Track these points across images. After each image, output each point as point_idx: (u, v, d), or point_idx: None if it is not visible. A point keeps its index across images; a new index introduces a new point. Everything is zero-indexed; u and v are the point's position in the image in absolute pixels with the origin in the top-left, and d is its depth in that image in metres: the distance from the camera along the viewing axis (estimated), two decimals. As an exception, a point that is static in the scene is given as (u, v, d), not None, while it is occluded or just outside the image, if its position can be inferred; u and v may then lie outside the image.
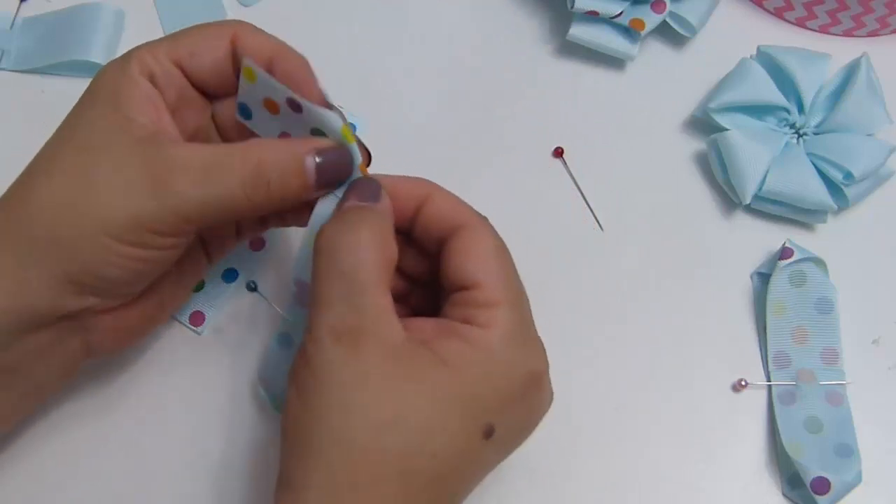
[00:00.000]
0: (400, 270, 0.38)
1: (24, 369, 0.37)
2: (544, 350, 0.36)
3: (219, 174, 0.34)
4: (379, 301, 0.33)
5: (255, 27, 0.38)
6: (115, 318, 0.38)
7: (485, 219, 0.36)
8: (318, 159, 0.35)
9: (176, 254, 0.37)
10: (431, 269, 0.38)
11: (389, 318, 0.33)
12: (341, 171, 0.36)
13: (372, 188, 0.35)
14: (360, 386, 0.32)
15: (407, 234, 0.37)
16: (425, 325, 0.35)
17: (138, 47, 0.38)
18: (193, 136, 0.39)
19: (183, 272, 0.40)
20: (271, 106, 0.37)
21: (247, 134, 0.39)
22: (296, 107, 0.36)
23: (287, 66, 0.37)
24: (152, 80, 0.37)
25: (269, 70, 0.37)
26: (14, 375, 0.37)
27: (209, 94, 0.39)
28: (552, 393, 0.36)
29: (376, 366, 0.32)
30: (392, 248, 0.34)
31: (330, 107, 0.36)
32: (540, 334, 0.36)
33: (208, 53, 0.38)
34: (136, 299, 0.38)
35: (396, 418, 0.31)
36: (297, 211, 0.39)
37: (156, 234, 0.35)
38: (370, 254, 0.33)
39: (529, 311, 0.36)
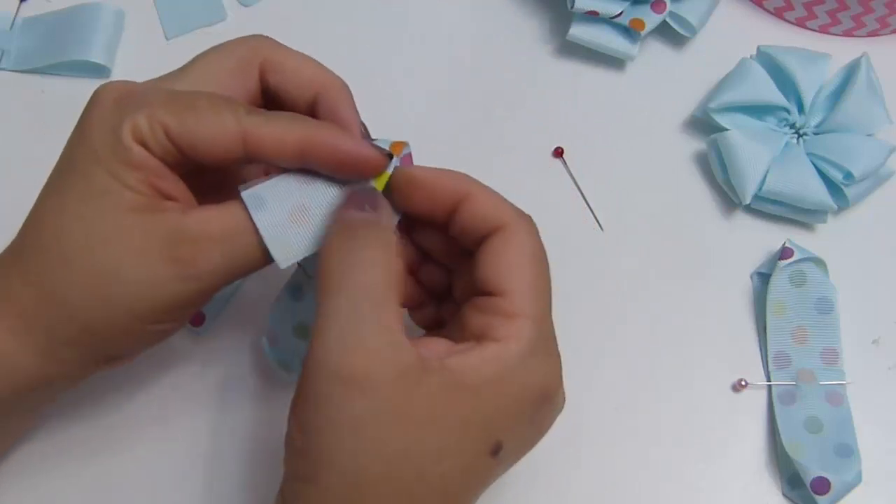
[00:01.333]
0: (417, 279, 0.38)
1: (38, 409, 0.39)
2: (560, 364, 0.34)
3: (239, 242, 0.34)
4: (387, 323, 0.31)
5: (265, 117, 0.34)
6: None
7: (527, 219, 0.35)
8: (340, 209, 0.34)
9: (190, 315, 0.37)
10: (449, 280, 0.37)
11: (398, 340, 0.31)
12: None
13: (370, 196, 0.34)
14: (371, 422, 0.30)
15: (443, 230, 0.36)
16: (437, 342, 0.33)
17: (133, 107, 0.33)
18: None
19: None
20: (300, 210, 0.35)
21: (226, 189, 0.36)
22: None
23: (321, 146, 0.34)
24: (146, 146, 0.33)
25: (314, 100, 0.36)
26: (26, 412, 0.38)
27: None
28: (564, 401, 0.35)
29: (386, 398, 0.30)
30: (397, 262, 0.33)
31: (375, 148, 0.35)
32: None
33: (209, 152, 0.34)
34: None
35: (408, 449, 0.30)
36: None
37: (185, 309, 0.35)
38: (376, 275, 0.32)
39: (552, 324, 0.35)
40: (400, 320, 0.32)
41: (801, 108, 0.48)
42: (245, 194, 0.34)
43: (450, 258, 0.37)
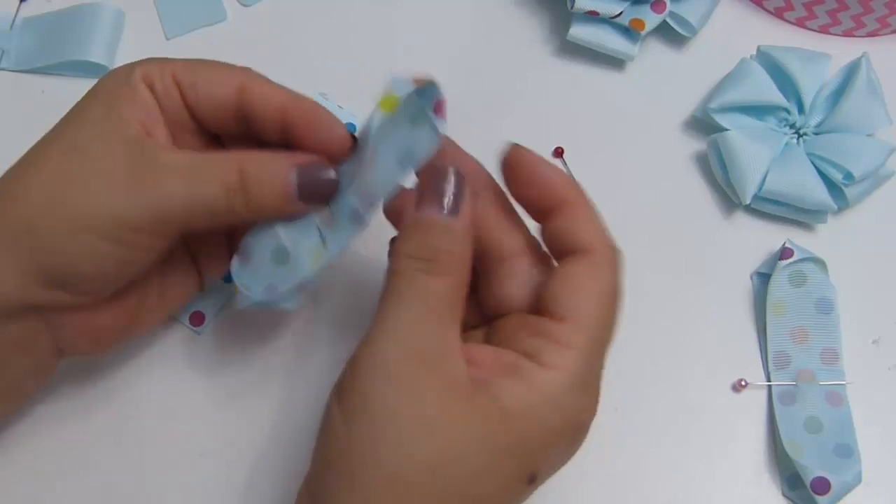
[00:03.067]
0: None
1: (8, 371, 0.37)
2: (598, 399, 0.34)
3: (200, 178, 0.34)
4: (448, 335, 0.32)
5: (263, 77, 0.37)
6: (84, 318, 0.37)
7: (616, 252, 0.34)
8: (301, 173, 0.35)
9: (150, 258, 0.36)
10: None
11: (455, 353, 0.32)
12: (324, 186, 0.36)
13: (453, 194, 0.33)
14: (416, 421, 0.30)
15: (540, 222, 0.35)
16: (485, 355, 0.33)
17: (149, 59, 0.37)
18: None
19: (166, 289, 0.40)
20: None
21: None
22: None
23: (303, 112, 0.36)
24: (152, 90, 0.36)
25: (284, 118, 0.36)
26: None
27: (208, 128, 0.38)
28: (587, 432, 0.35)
29: (434, 402, 0.31)
30: (467, 278, 0.33)
31: (356, 142, 0.36)
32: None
33: (209, 92, 0.37)
34: (108, 303, 0.37)
35: (447, 459, 0.30)
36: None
37: (134, 233, 0.34)
38: (449, 288, 0.32)
39: (602, 361, 0.34)
40: (459, 336, 0.32)
41: (801, 108, 0.48)
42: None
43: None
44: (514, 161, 0.35)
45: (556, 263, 0.36)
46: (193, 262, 0.41)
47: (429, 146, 0.34)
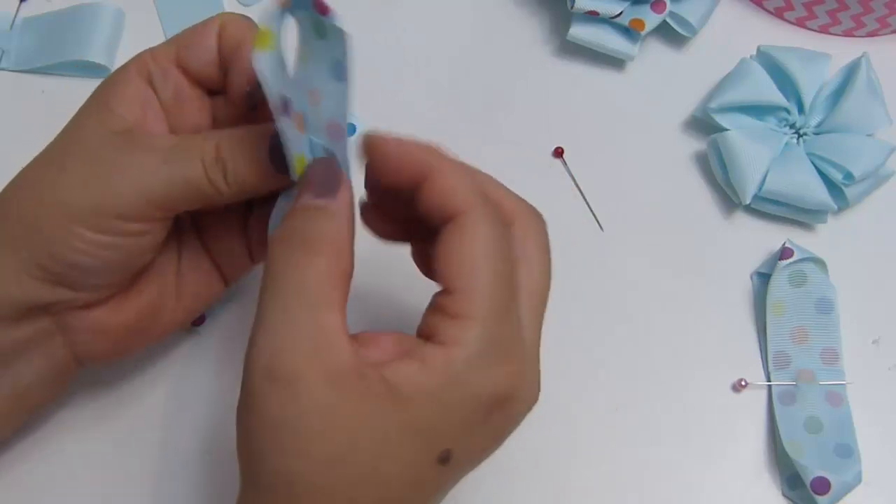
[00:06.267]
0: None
1: (7, 367, 0.36)
2: (520, 368, 0.32)
3: (180, 153, 0.35)
4: (323, 324, 0.30)
5: (241, 15, 0.38)
6: (96, 318, 0.37)
7: (490, 205, 0.32)
8: (271, 142, 0.34)
9: (147, 242, 0.36)
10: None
11: (335, 339, 0.30)
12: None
13: (329, 179, 0.32)
14: (301, 427, 0.29)
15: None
16: (386, 340, 0.32)
17: (142, 51, 0.38)
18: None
19: (185, 289, 0.40)
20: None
21: None
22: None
23: (241, 54, 0.36)
24: (149, 80, 0.37)
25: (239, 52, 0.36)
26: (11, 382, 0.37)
27: (210, 90, 0.39)
28: (528, 404, 0.33)
29: (316, 403, 0.29)
30: (346, 259, 0.31)
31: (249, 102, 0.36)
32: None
33: (201, 45, 0.37)
34: (119, 303, 0.37)
35: (342, 454, 0.29)
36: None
37: (121, 220, 0.34)
38: (316, 273, 0.30)
39: (512, 324, 0.32)
40: (340, 320, 0.30)
41: (801, 108, 0.48)
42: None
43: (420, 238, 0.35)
44: (368, 148, 0.33)
45: None
46: (213, 262, 0.41)
47: (343, 45, 0.32)
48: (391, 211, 0.35)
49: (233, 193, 0.35)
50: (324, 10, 0.31)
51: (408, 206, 0.33)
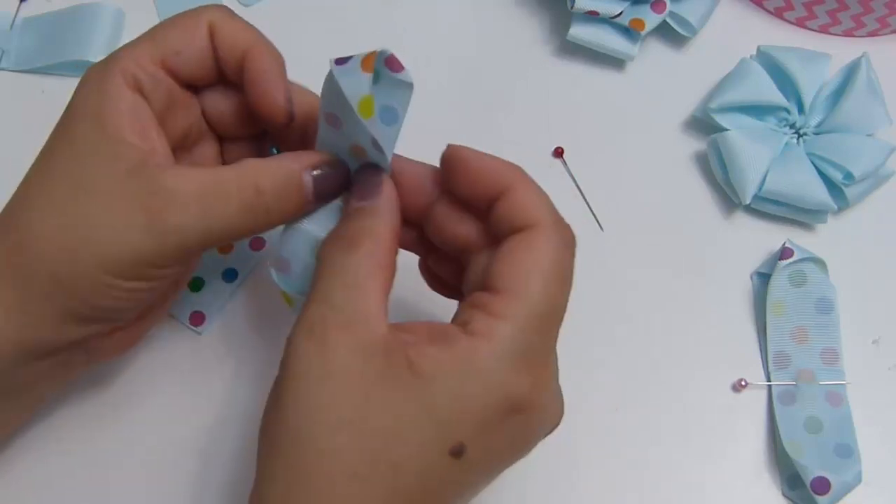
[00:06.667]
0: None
1: (29, 389, 0.37)
2: (544, 384, 0.32)
3: (216, 203, 0.34)
4: (359, 304, 0.31)
5: (230, 12, 0.37)
6: (117, 337, 0.38)
7: (564, 230, 0.33)
8: (314, 173, 0.35)
9: (172, 281, 0.37)
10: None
11: (374, 317, 0.31)
12: (338, 183, 0.36)
13: (372, 182, 0.34)
14: (322, 383, 0.30)
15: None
16: (420, 326, 0.32)
17: (119, 52, 0.36)
18: (185, 136, 0.38)
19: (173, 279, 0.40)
20: (332, 119, 0.35)
21: (233, 125, 0.39)
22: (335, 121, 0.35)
23: (260, 65, 0.36)
24: (138, 88, 0.35)
25: (241, 64, 0.36)
26: (19, 396, 0.37)
27: (196, 87, 0.38)
28: (550, 423, 0.33)
29: (342, 363, 0.30)
30: (386, 253, 0.33)
31: (290, 118, 0.36)
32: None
33: (192, 47, 0.36)
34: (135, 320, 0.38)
35: (354, 419, 0.30)
36: None
37: (155, 268, 0.34)
38: (354, 260, 0.32)
39: (548, 344, 0.33)
40: (375, 303, 0.31)
41: (801, 108, 0.48)
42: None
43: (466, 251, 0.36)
44: (453, 158, 0.34)
45: None
46: None
47: (405, 98, 0.34)
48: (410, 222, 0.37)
49: (269, 228, 0.36)
50: (398, 69, 0.34)
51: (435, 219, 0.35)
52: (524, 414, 0.31)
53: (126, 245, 0.33)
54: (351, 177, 0.36)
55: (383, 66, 0.34)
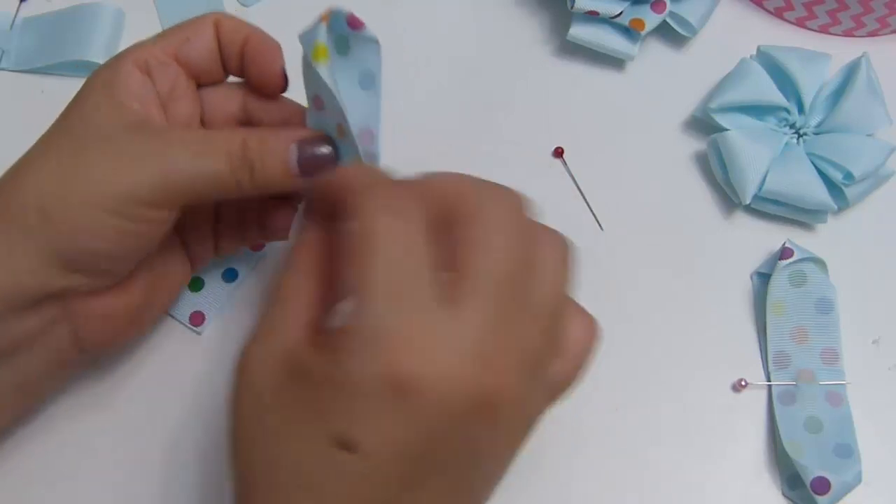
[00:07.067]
0: None
1: (12, 358, 0.37)
2: (439, 348, 0.29)
3: (207, 148, 0.36)
4: (274, 319, 0.32)
5: (228, 14, 0.40)
6: (100, 304, 0.38)
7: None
8: (301, 148, 0.36)
9: (161, 230, 0.37)
10: None
11: (282, 327, 0.32)
12: (322, 161, 0.37)
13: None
14: (239, 397, 0.33)
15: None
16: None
17: (132, 46, 0.39)
18: (184, 126, 0.40)
19: (166, 278, 0.41)
20: (317, 102, 0.37)
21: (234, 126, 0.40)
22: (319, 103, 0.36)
23: (259, 44, 0.38)
24: (147, 70, 0.38)
25: (242, 50, 0.39)
26: (1, 363, 0.37)
27: (199, 83, 0.40)
28: (462, 399, 0.29)
29: (254, 375, 0.32)
30: (306, 259, 0.33)
31: (285, 80, 0.38)
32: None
33: (200, 38, 0.39)
34: (121, 288, 0.38)
35: (257, 431, 0.31)
36: (280, 220, 0.41)
37: (144, 206, 0.35)
38: (280, 278, 0.33)
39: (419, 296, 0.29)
40: (296, 314, 0.32)
41: (801, 108, 0.48)
42: None
43: None
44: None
45: None
46: (185, 250, 0.42)
47: (376, 55, 0.35)
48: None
49: (253, 191, 0.37)
50: (357, 26, 0.35)
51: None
52: (411, 391, 0.28)
53: (120, 179, 0.35)
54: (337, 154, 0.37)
55: (346, 27, 0.35)
